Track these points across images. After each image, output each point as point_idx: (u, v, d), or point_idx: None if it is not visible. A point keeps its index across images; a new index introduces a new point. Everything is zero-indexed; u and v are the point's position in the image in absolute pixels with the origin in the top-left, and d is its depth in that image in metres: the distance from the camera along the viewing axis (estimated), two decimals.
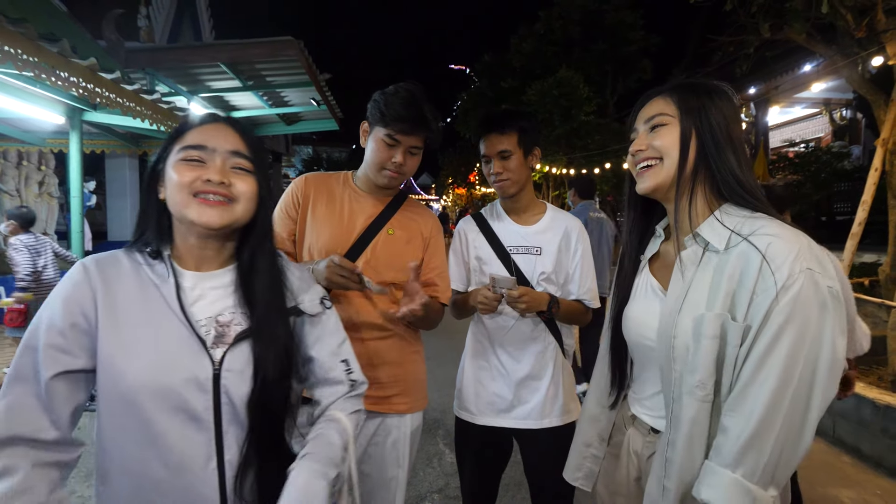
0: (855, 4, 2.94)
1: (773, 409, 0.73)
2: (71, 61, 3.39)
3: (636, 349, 1.01)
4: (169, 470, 0.78)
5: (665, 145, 0.88)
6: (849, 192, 7.49)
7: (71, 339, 0.77)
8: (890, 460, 2.74)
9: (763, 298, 0.75)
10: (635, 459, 1.01)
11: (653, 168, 0.90)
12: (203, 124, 0.85)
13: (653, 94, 0.95)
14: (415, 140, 1.33)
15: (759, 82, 8.44)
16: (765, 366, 0.75)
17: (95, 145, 6.92)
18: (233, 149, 0.83)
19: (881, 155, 3.39)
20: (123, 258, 0.85)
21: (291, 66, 5.97)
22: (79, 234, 4.71)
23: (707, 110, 0.87)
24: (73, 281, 0.81)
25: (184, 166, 0.81)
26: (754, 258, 0.77)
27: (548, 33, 14.70)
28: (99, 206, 11.01)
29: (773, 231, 0.78)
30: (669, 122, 0.88)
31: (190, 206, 0.80)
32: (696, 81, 0.92)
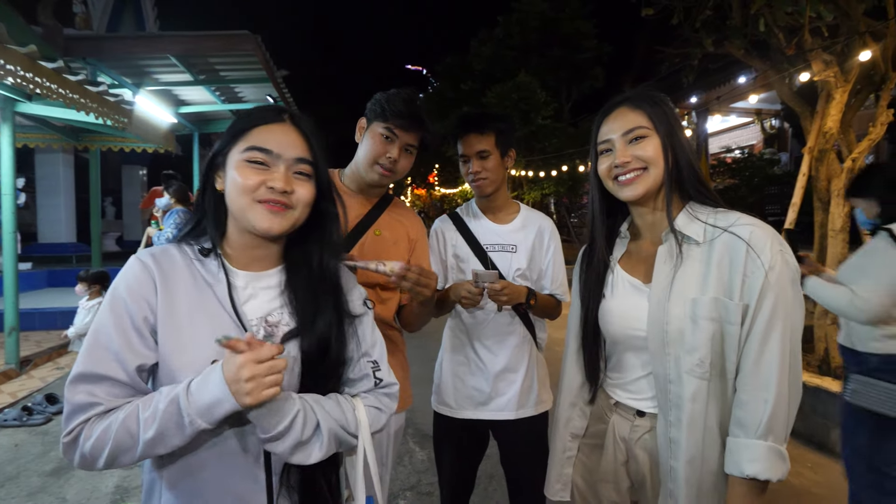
0: (786, 25, 3.24)
1: (782, 376, 0.85)
2: (7, 48, 3.13)
3: (620, 340, 1.05)
4: (222, 469, 0.79)
5: (651, 155, 0.95)
6: (778, 195, 8.17)
7: (143, 337, 0.78)
8: (819, 436, 3.04)
9: (755, 279, 0.87)
10: (622, 445, 1.05)
11: (640, 177, 0.96)
12: (270, 123, 0.83)
13: (615, 105, 0.99)
14: (411, 137, 1.35)
15: (700, 92, 9.03)
16: (769, 340, 0.86)
17: (29, 139, 6.40)
18: (298, 156, 0.82)
19: (808, 161, 3.74)
20: (176, 253, 0.84)
21: (247, 60, 5.78)
22: (11, 235, 4.34)
23: (671, 121, 0.97)
24: (134, 275, 0.80)
25: (247, 168, 0.80)
26: (740, 246, 0.88)
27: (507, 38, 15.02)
28: (27, 206, 10.11)
29: (750, 221, 0.91)
30: (649, 135, 0.95)
31: (252, 210, 0.80)
32: (651, 93, 0.99)
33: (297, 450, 0.77)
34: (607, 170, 0.99)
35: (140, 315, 0.78)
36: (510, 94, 11.44)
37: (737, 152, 9.13)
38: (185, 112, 7.23)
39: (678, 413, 0.92)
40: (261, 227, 0.80)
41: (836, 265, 3.55)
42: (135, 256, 0.83)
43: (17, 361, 4.33)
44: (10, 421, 3.36)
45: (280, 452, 0.76)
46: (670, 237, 0.97)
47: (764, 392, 0.85)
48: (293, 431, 0.75)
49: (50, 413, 3.48)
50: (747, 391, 0.87)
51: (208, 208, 0.87)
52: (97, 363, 0.75)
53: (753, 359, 0.87)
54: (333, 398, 0.85)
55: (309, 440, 0.78)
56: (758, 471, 0.84)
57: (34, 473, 2.74)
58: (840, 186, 3.49)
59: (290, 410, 0.75)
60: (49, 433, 3.26)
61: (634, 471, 1.05)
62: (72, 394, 0.75)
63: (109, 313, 0.78)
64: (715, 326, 0.89)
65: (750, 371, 0.87)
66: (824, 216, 3.68)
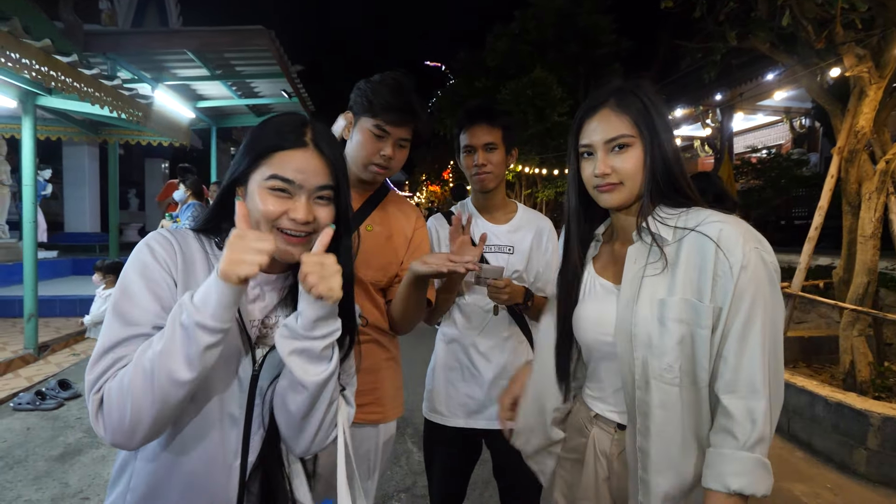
0: (815, 17, 3.07)
1: (764, 380, 0.80)
2: (23, 42, 3.19)
3: (593, 347, 1.00)
4: (201, 464, 0.79)
5: (630, 169, 0.91)
6: (807, 198, 7.85)
7: (171, 290, 0.79)
8: (839, 455, 2.88)
9: (725, 280, 0.82)
10: (604, 460, 1.00)
11: (618, 188, 0.92)
12: (293, 149, 0.81)
13: (600, 105, 0.93)
14: (404, 132, 1.26)
15: (724, 89, 8.74)
16: (748, 342, 0.81)
17: (51, 132, 6.58)
18: (319, 184, 0.82)
19: (837, 163, 3.55)
20: (193, 240, 0.85)
21: (262, 55, 5.81)
22: (31, 224, 4.45)
23: (658, 125, 0.91)
24: (159, 243, 0.81)
25: (269, 196, 0.80)
26: (708, 246, 0.83)
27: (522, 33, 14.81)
28: (55, 196, 10.46)
29: (719, 219, 0.86)
30: (632, 144, 0.91)
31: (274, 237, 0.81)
32: (639, 92, 0.93)
33: (308, 358, 0.77)
34: (589, 176, 0.96)
35: (165, 277, 0.79)
36: (525, 90, 11.28)
37: (763, 152, 8.80)
38: (202, 107, 7.33)
39: (645, 421, 0.87)
40: (280, 256, 0.80)
41: (865, 273, 3.37)
42: (156, 231, 0.83)
43: (35, 347, 4.45)
44: (23, 405, 3.45)
45: (295, 348, 0.76)
46: (639, 238, 0.94)
47: (751, 399, 0.80)
48: (323, 342, 0.77)
49: (62, 398, 3.56)
50: (731, 399, 0.81)
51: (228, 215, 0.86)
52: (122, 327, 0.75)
53: (733, 364, 0.81)
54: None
55: (319, 359, 0.78)
56: (744, 485, 0.78)
57: (41, 458, 2.79)
58: (872, 189, 3.30)
59: (336, 324, 0.78)
60: (59, 418, 3.34)
61: (616, 487, 0.99)
62: (95, 368, 0.73)
63: (137, 273, 0.78)
64: (684, 329, 0.84)
65: (731, 377, 0.82)
66: (853, 221, 3.49)
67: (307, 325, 0.75)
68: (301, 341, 0.76)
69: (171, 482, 0.79)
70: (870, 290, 3.37)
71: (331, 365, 0.79)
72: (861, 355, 3.37)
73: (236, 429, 0.81)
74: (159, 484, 0.79)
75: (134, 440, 0.71)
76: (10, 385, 3.82)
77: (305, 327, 0.75)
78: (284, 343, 0.77)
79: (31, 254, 4.43)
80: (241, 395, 0.82)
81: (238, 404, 0.81)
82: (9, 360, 4.19)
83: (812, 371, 4.13)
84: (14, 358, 4.25)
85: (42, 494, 2.44)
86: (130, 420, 0.69)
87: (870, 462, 2.72)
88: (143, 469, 0.80)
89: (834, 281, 3.73)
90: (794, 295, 3.82)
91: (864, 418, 2.75)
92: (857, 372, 3.35)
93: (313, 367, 0.77)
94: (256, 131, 0.86)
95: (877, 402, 2.90)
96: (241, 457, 0.81)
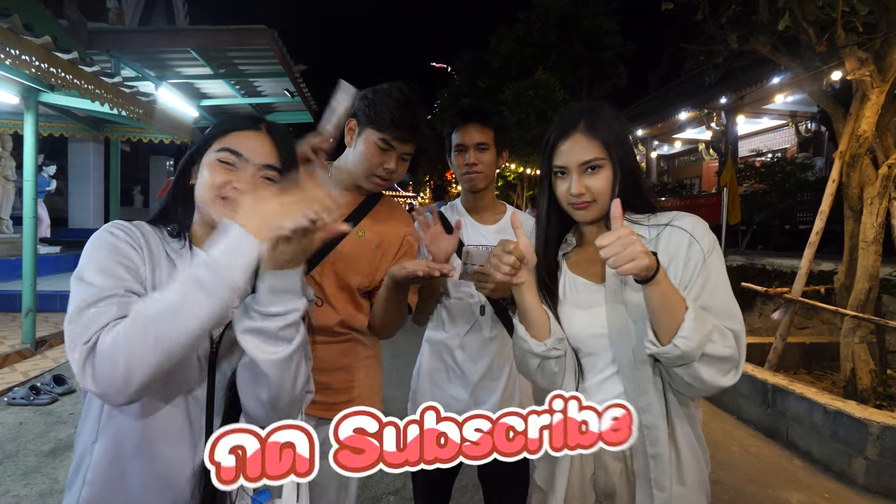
0: (816, 20, 3.03)
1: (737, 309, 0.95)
2: (23, 38, 3.21)
3: (586, 342, 1.04)
4: (166, 443, 0.79)
5: (602, 188, 1.00)
6: (812, 203, 7.77)
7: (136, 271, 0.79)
8: (838, 464, 2.83)
9: (695, 263, 0.97)
10: (590, 456, 1.01)
11: (591, 205, 1.01)
12: (245, 129, 0.89)
13: (572, 128, 1.00)
14: (409, 147, 1.26)
15: (728, 92, 8.68)
16: (718, 289, 0.95)
17: (54, 128, 6.63)
18: (266, 162, 0.87)
19: (838, 167, 3.51)
20: (149, 230, 0.87)
21: (264, 55, 5.83)
22: (31, 220, 4.48)
23: (624, 145, 1.01)
24: (123, 231, 0.82)
25: (217, 167, 0.85)
26: (683, 236, 0.98)
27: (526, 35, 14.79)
28: (60, 192, 10.54)
29: (687, 215, 1.02)
30: (603, 165, 1.00)
31: (214, 204, 0.85)
32: (606, 117, 1.01)
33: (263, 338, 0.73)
34: (564, 194, 1.04)
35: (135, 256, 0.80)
36: (527, 91, 11.25)
37: (768, 156, 8.73)
38: (206, 105, 7.36)
39: (647, 399, 0.96)
40: (220, 220, 0.79)
41: (867, 279, 3.32)
42: (112, 222, 0.84)
43: (32, 341, 4.48)
44: (18, 399, 3.46)
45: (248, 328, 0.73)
46: None
47: (729, 321, 0.92)
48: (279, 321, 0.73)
49: (56, 394, 3.57)
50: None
51: (179, 198, 0.91)
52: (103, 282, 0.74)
53: (708, 303, 0.93)
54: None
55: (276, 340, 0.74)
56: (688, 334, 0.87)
57: (32, 453, 2.79)
58: (874, 194, 3.26)
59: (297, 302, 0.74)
60: (52, 413, 3.34)
61: (603, 482, 1.02)
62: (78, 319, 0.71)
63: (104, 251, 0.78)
64: None
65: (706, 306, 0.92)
66: (855, 226, 3.45)
67: (263, 298, 0.72)
68: (255, 320, 0.72)
69: (133, 470, 0.78)
70: (871, 297, 3.33)
71: (291, 345, 0.75)
72: (862, 362, 3.32)
73: (199, 409, 0.81)
74: (119, 475, 0.78)
75: (125, 393, 0.68)
76: (6, 379, 3.84)
77: (261, 302, 0.72)
78: (239, 322, 0.74)
79: (31, 249, 4.45)
80: (202, 375, 0.82)
81: (199, 383, 0.82)
82: (6, 354, 4.21)
83: (813, 378, 4.08)
84: (11, 352, 4.27)
85: (30, 490, 2.44)
86: (125, 372, 0.66)
87: (869, 472, 2.67)
88: (101, 459, 0.79)
89: (835, 287, 3.68)
90: (795, 300, 3.77)
91: (863, 427, 2.70)
92: (857, 379, 3.31)
93: (269, 346, 0.73)
94: (215, 123, 0.93)
95: (877, 410, 2.85)
96: (204, 438, 0.81)
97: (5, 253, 6.92)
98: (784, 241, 8.07)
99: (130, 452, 0.79)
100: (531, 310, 1.00)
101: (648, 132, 12.49)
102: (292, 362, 0.76)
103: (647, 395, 0.95)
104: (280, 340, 0.74)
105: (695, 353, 0.85)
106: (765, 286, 4.50)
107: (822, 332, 4.93)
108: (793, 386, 3.21)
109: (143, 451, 0.79)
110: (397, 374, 3.83)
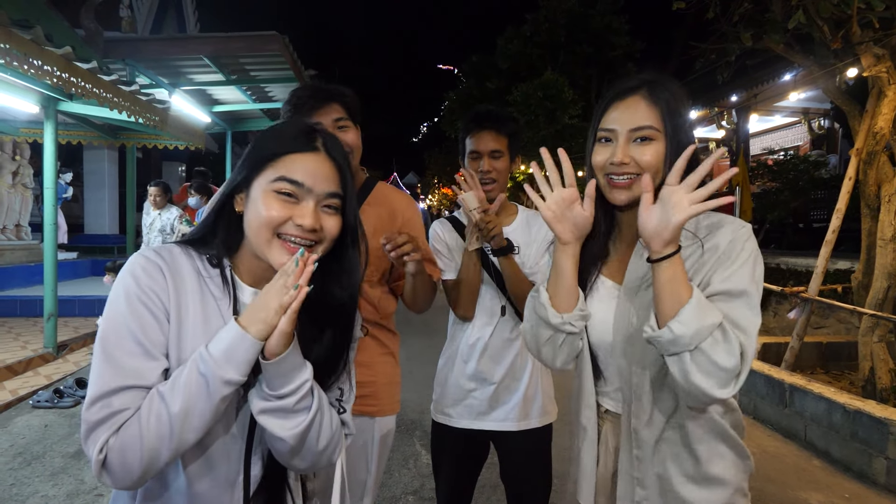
0: (831, 16, 3.01)
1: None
2: (45, 49, 3.28)
3: (598, 346, 0.99)
4: (206, 481, 0.77)
5: (652, 163, 0.87)
6: (825, 201, 7.66)
7: (162, 324, 0.74)
8: (858, 464, 2.80)
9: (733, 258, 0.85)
10: (613, 455, 1.00)
11: (634, 181, 0.88)
12: (302, 152, 0.77)
13: (632, 90, 0.89)
14: (333, 112, 1.28)
15: (740, 90, 8.60)
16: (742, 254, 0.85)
17: (72, 136, 6.75)
18: (330, 190, 0.77)
19: (855, 164, 3.48)
20: (183, 259, 0.79)
21: (275, 61, 5.89)
22: (52, 227, 4.57)
23: (683, 123, 0.88)
24: (146, 271, 0.75)
25: (274, 199, 0.75)
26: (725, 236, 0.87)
27: (534, 35, 14.74)
28: (76, 199, 10.73)
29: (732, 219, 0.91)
30: (656, 138, 0.87)
31: (272, 247, 0.76)
32: (674, 87, 0.90)
33: (280, 415, 0.73)
34: (602, 163, 0.90)
35: (158, 307, 0.74)
36: (535, 92, 11.22)
37: (780, 154, 8.63)
38: (218, 111, 7.46)
39: (639, 405, 0.91)
40: (277, 264, 0.75)
41: (885, 278, 3.28)
42: (140, 254, 0.77)
43: (54, 346, 4.56)
44: (42, 402, 3.54)
45: (264, 409, 0.73)
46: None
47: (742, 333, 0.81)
48: (294, 397, 0.72)
49: (79, 396, 3.64)
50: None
51: (220, 227, 0.82)
52: (115, 374, 0.69)
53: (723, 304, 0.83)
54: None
55: (295, 414, 0.74)
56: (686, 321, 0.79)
57: (58, 454, 2.86)
58: (891, 191, 3.22)
59: (300, 376, 0.73)
60: (76, 416, 3.41)
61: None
62: (89, 414, 0.69)
63: (124, 306, 0.73)
64: None
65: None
66: (872, 224, 3.42)
67: (273, 383, 0.71)
68: (270, 401, 0.72)
69: (173, 494, 0.77)
70: (890, 295, 3.29)
71: (309, 414, 0.74)
72: (881, 362, 3.28)
73: (238, 444, 0.79)
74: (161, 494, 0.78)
75: (141, 483, 0.71)
76: (30, 383, 3.92)
77: (272, 387, 0.71)
78: (254, 402, 0.73)
79: (52, 255, 4.54)
80: (243, 410, 0.78)
81: (241, 419, 0.79)
82: (29, 358, 4.30)
83: (830, 377, 4.04)
84: (34, 356, 4.36)
85: (58, 490, 2.49)
86: (141, 472, 0.69)
87: (889, 472, 2.65)
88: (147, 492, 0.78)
89: (853, 285, 3.65)
90: (812, 299, 3.73)
91: (883, 427, 2.67)
92: (876, 379, 3.27)
93: (288, 422, 0.73)
94: (262, 136, 0.82)
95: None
96: (243, 472, 0.79)
97: (25, 259, 7.06)
98: (797, 240, 7.98)
99: (169, 488, 0.78)
100: (564, 274, 0.90)
101: None
102: (313, 427, 0.76)
103: (640, 401, 0.91)
104: (298, 413, 0.73)
105: (688, 341, 0.75)
106: (779, 285, 4.46)
107: (838, 331, 4.86)
108: (811, 385, 3.18)
109: (181, 486, 0.77)
110: (412, 376, 3.86)
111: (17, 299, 6.03)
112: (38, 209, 8.07)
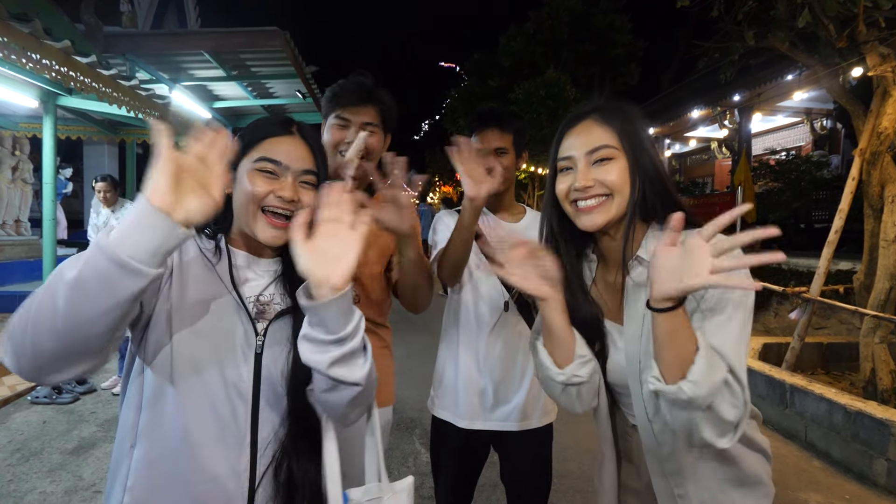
0: (837, 15, 2.98)
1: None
2: (44, 43, 3.26)
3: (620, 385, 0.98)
4: (209, 439, 0.78)
5: (616, 181, 0.85)
6: (827, 201, 7.66)
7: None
8: (859, 465, 2.79)
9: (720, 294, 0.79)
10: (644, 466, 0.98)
11: (603, 204, 0.86)
12: (279, 136, 0.88)
13: (581, 117, 0.90)
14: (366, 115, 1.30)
15: (743, 90, 8.57)
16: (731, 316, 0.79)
17: (71, 131, 6.72)
18: (305, 168, 0.87)
19: (858, 165, 3.46)
20: None
21: (276, 56, 5.87)
22: (51, 222, 4.56)
23: (643, 140, 0.87)
24: None
25: (258, 177, 0.85)
26: None
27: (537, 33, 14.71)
28: (75, 194, 10.70)
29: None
30: (616, 156, 0.85)
31: (257, 220, 0.84)
32: (623, 107, 0.90)
33: (348, 360, 0.75)
34: (566, 191, 0.89)
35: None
36: (538, 90, 11.21)
37: (782, 154, 8.61)
38: (219, 107, 7.43)
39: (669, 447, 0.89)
40: (262, 237, 0.84)
41: (887, 279, 3.27)
42: None
43: None
44: (41, 398, 3.53)
45: (334, 359, 0.73)
46: (637, 266, 0.89)
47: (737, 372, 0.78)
48: (357, 336, 0.75)
49: (78, 393, 3.64)
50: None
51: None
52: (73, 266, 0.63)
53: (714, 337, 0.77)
54: None
55: (358, 353, 0.77)
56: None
57: (56, 451, 2.85)
58: (895, 192, 3.20)
59: (356, 312, 0.76)
60: (74, 412, 3.40)
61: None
62: None
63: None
64: None
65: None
66: (875, 224, 3.40)
67: (332, 327, 0.72)
68: (338, 347, 0.73)
69: (175, 471, 0.77)
70: (892, 296, 3.27)
71: (368, 353, 0.79)
72: (882, 363, 3.27)
73: (244, 405, 0.80)
74: (161, 477, 0.77)
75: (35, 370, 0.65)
76: None
77: (332, 330, 0.72)
78: (319, 357, 0.73)
79: (51, 250, 4.54)
80: (247, 368, 0.81)
81: (245, 377, 0.81)
82: None
83: (831, 378, 4.02)
84: None
85: (56, 487, 2.49)
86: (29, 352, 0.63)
87: (890, 473, 2.63)
88: (141, 462, 0.77)
89: (855, 286, 3.63)
90: (813, 300, 3.72)
91: (884, 428, 2.66)
92: (878, 380, 3.26)
93: (358, 363, 0.76)
94: (245, 128, 0.92)
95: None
96: (250, 433, 0.80)
97: (24, 255, 7.04)
98: (799, 241, 7.97)
99: (171, 452, 0.77)
100: (555, 329, 0.87)
101: (660, 130, 12.38)
102: (373, 365, 0.81)
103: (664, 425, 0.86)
104: (364, 352, 0.78)
105: (703, 401, 0.72)
106: (781, 286, 4.45)
107: (839, 332, 4.85)
108: (811, 386, 3.17)
109: (184, 449, 0.77)
110: (411, 374, 3.84)
111: (17, 294, 6.01)
112: (38, 204, 8.06)
